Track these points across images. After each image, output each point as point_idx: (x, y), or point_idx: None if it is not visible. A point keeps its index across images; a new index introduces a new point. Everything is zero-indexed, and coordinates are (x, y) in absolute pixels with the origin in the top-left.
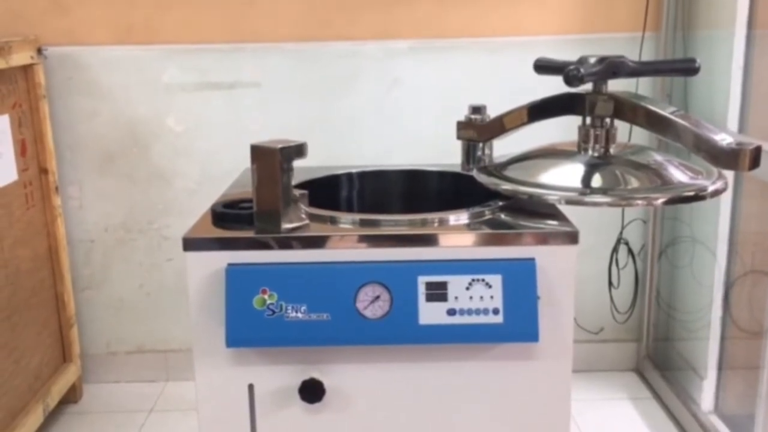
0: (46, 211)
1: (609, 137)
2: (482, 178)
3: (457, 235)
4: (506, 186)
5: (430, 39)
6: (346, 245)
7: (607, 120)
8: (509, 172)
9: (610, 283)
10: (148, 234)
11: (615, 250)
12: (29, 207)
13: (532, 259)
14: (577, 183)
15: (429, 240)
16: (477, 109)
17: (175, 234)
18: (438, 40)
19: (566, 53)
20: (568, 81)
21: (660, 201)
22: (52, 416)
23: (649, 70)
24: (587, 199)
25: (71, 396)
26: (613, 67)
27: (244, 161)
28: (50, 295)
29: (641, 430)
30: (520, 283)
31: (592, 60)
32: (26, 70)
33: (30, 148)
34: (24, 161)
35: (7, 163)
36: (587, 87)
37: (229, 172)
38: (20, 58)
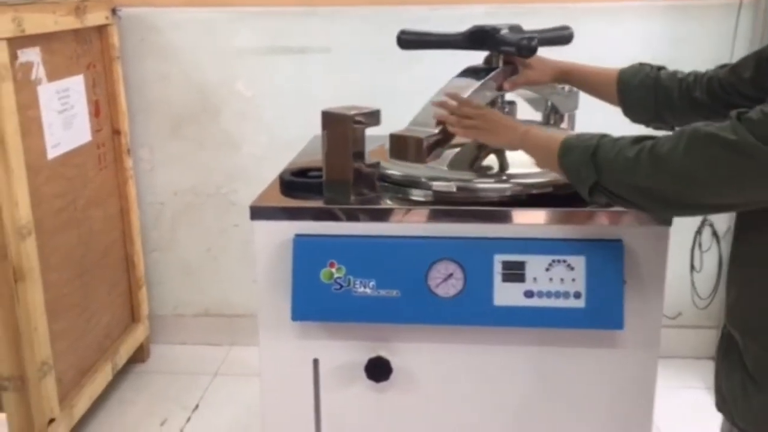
0: (118, 172)
1: None
2: None
3: (537, 211)
4: None
5: (507, 4)
6: (418, 219)
7: None
8: None
9: (692, 267)
10: (216, 199)
11: (698, 232)
12: (102, 168)
13: (620, 240)
14: None
15: (506, 216)
16: None
17: (242, 200)
18: (515, 5)
19: (656, 22)
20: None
21: None
22: (120, 375)
23: None
24: None
25: (139, 355)
26: None
27: (313, 128)
28: (120, 255)
29: (717, 420)
30: (606, 266)
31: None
32: (101, 30)
33: (103, 109)
34: (98, 122)
35: (82, 123)
36: None
37: (297, 139)
38: (95, 18)
